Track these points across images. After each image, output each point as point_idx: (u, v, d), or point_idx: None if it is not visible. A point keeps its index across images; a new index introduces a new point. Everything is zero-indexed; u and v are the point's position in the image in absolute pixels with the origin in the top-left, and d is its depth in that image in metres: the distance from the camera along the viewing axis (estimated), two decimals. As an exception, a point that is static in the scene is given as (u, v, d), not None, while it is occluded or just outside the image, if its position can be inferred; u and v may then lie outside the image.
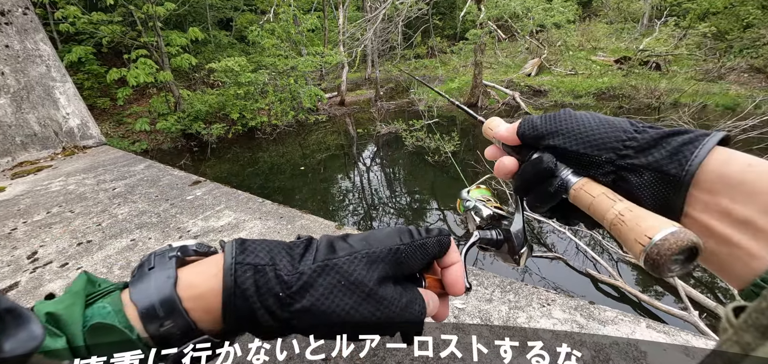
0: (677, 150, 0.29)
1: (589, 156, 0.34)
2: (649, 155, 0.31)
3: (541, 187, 0.36)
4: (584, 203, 0.34)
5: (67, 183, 3.83)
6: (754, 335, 0.15)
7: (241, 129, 8.99)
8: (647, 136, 0.32)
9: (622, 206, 0.30)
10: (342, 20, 11.45)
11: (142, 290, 0.28)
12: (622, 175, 0.32)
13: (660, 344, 1.35)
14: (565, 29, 10.12)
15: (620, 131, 0.33)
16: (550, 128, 0.36)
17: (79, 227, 2.77)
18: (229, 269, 0.29)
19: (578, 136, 0.34)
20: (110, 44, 8.85)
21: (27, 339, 0.17)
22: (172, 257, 0.31)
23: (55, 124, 5.09)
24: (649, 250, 0.26)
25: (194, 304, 0.29)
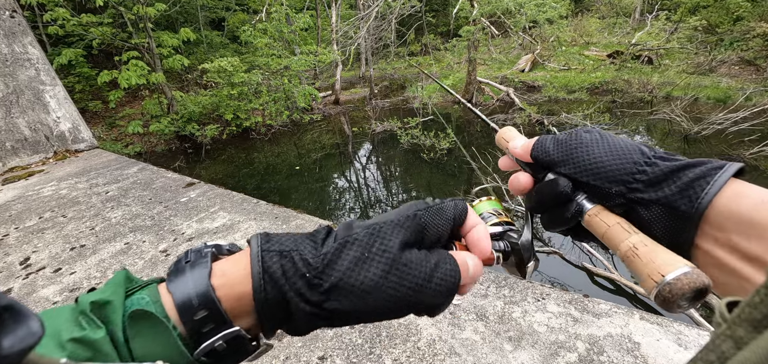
0: (688, 185, 0.29)
1: (600, 188, 0.34)
2: (659, 190, 0.31)
3: (556, 210, 0.37)
4: (598, 230, 0.34)
5: (60, 187, 3.79)
6: (746, 329, 0.16)
7: (235, 130, 8.93)
8: (658, 170, 0.31)
9: (636, 239, 0.30)
10: (335, 18, 11.41)
11: (178, 281, 0.29)
12: (632, 208, 0.33)
13: (653, 334, 1.37)
14: (558, 25, 10.15)
15: (631, 164, 0.33)
16: (562, 156, 0.36)
17: (72, 231, 2.75)
18: (256, 255, 0.29)
19: (588, 167, 0.35)
20: (101, 46, 8.76)
21: (25, 336, 0.17)
22: (206, 252, 0.32)
23: (46, 129, 5.02)
24: (661, 287, 0.27)
25: (226, 292, 0.29)
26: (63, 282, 2.12)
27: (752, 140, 5.28)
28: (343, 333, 1.49)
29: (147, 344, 0.27)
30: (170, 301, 0.28)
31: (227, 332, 0.28)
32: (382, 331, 1.49)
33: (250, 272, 0.29)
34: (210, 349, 0.28)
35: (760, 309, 0.15)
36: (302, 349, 1.44)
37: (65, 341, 0.25)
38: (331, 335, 1.49)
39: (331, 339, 1.47)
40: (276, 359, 1.41)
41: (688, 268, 0.26)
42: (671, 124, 6.69)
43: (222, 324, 0.28)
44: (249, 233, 2.46)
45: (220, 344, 0.28)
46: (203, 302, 0.28)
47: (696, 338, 1.34)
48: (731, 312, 0.17)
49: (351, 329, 1.51)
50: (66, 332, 0.25)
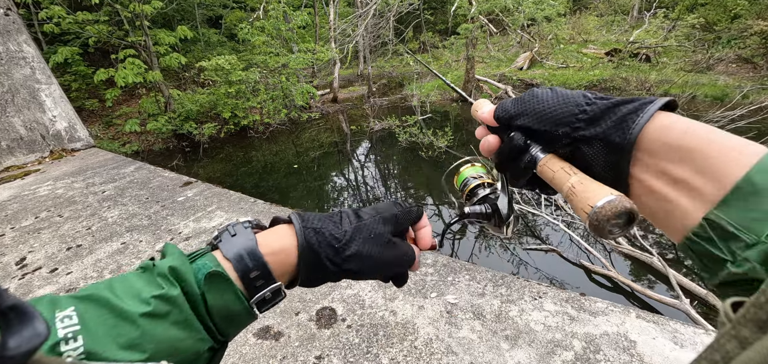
0: (622, 120, 0.33)
1: (550, 132, 0.38)
2: (597, 126, 0.34)
3: (515, 163, 0.42)
4: (548, 177, 0.38)
5: (56, 187, 3.77)
6: (751, 329, 0.15)
7: (233, 128, 8.90)
8: (596, 108, 0.35)
9: (575, 179, 0.34)
10: (333, 16, 11.37)
11: (233, 250, 0.38)
12: (577, 147, 0.36)
13: (649, 333, 1.37)
14: (556, 23, 10.14)
15: (574, 106, 0.36)
16: (519, 110, 0.41)
17: (69, 231, 2.73)
18: (300, 230, 0.40)
19: (539, 115, 0.39)
20: (97, 44, 8.69)
21: (31, 336, 0.17)
22: (247, 226, 0.41)
23: (42, 128, 4.99)
24: (591, 215, 0.30)
25: (272, 258, 0.39)
26: (59, 282, 2.11)
27: (750, 138, 5.24)
28: (340, 333, 1.49)
29: (217, 297, 0.35)
30: (229, 266, 0.37)
31: (273, 286, 0.39)
32: (379, 330, 1.48)
33: (295, 242, 0.40)
34: (261, 298, 0.38)
35: (766, 309, 0.15)
36: (299, 349, 1.44)
37: (149, 298, 0.32)
38: (328, 335, 1.49)
39: (328, 339, 1.47)
40: (273, 358, 1.41)
41: (613, 196, 0.30)
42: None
43: (269, 280, 0.38)
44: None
45: (267, 294, 0.38)
46: (257, 265, 0.38)
47: (692, 336, 1.34)
48: (736, 312, 0.17)
49: (348, 329, 1.51)
50: (146, 291, 0.33)
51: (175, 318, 0.33)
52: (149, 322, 0.31)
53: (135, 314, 0.31)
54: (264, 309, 0.40)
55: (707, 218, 0.27)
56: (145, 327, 0.31)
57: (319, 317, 1.58)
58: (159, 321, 0.32)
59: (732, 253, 0.26)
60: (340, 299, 1.68)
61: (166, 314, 0.32)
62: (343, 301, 1.66)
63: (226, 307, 0.36)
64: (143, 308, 0.31)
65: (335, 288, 1.75)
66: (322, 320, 1.57)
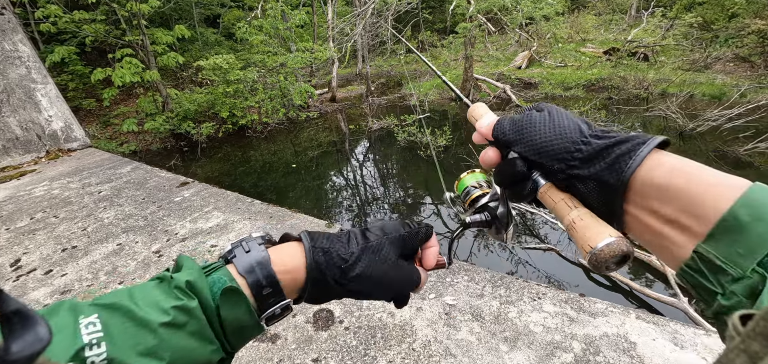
0: (615, 161, 0.33)
1: (545, 165, 0.39)
2: (591, 167, 0.35)
3: (516, 186, 0.42)
4: (548, 205, 0.39)
5: (52, 187, 3.74)
6: (761, 343, 0.15)
7: (231, 128, 8.87)
8: (591, 148, 0.36)
9: (575, 214, 0.36)
10: (331, 15, 11.34)
11: (247, 266, 0.39)
12: (572, 182, 0.37)
13: (649, 334, 1.36)
14: (554, 21, 10.13)
15: (570, 143, 0.37)
16: (516, 136, 0.41)
17: (64, 232, 2.71)
18: (309, 251, 0.41)
19: (535, 146, 0.39)
20: (94, 44, 8.64)
21: (34, 341, 0.18)
22: (260, 242, 0.42)
23: (38, 128, 4.96)
24: (590, 255, 0.32)
25: (284, 276, 0.40)
26: (54, 284, 2.09)
27: (747, 137, 5.30)
28: (338, 335, 1.48)
29: (230, 310, 0.37)
30: (243, 281, 0.39)
31: (283, 302, 0.40)
32: (377, 332, 1.47)
33: (304, 262, 0.41)
34: (271, 314, 0.40)
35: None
36: (296, 351, 1.42)
37: (169, 308, 0.34)
38: (325, 337, 1.47)
39: (326, 341, 1.46)
40: (270, 361, 1.39)
41: (612, 238, 0.32)
42: (667, 120, 6.71)
43: (280, 297, 0.40)
44: (243, 233, 2.43)
45: (277, 309, 0.40)
46: (269, 281, 0.39)
47: (692, 336, 1.34)
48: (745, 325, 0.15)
49: (345, 331, 1.49)
50: (165, 301, 0.34)
51: (192, 329, 0.34)
52: (167, 331, 0.33)
53: (155, 323, 0.32)
54: (272, 323, 0.41)
55: (697, 250, 0.28)
56: (164, 336, 0.32)
57: (316, 319, 1.57)
58: (176, 331, 0.33)
59: (721, 286, 0.26)
60: (338, 300, 1.66)
61: (184, 325, 0.34)
62: (341, 303, 1.65)
63: (238, 320, 0.37)
64: (163, 317, 0.33)
65: (333, 289, 1.73)
66: (319, 322, 1.55)
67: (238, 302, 0.37)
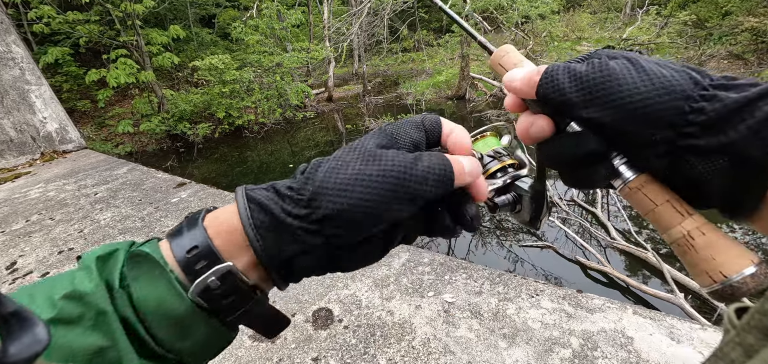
0: (762, 124, 0.22)
1: (640, 134, 0.26)
2: (722, 134, 0.23)
3: (582, 171, 0.30)
4: (643, 207, 0.28)
5: (47, 189, 3.72)
6: (757, 336, 0.15)
7: (227, 128, 8.84)
8: (720, 105, 0.23)
9: (691, 225, 0.26)
10: (327, 15, 11.33)
11: (175, 230, 0.29)
12: (683, 158, 0.25)
13: (646, 329, 1.38)
14: (550, 20, 10.18)
15: (681, 99, 0.25)
16: (584, 95, 0.28)
17: (60, 234, 2.69)
18: (241, 190, 0.30)
19: (623, 107, 0.26)
20: (88, 45, 8.59)
21: (31, 343, 0.17)
22: (201, 210, 0.32)
23: (32, 129, 4.92)
24: (722, 288, 0.24)
25: (217, 229, 0.28)
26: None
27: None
28: (337, 334, 1.48)
29: (144, 287, 0.26)
30: (167, 247, 0.28)
31: (218, 267, 0.27)
32: (376, 331, 1.48)
33: (236, 206, 0.29)
34: (203, 286, 0.27)
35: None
36: (296, 350, 1.42)
37: (56, 299, 0.24)
38: (325, 336, 1.48)
39: (325, 340, 1.46)
40: (269, 361, 1.40)
41: (755, 267, 0.23)
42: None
43: (214, 260, 0.27)
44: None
45: (213, 280, 0.27)
46: (195, 240, 0.28)
47: (688, 331, 1.35)
48: (740, 319, 0.16)
49: (345, 330, 1.50)
50: (59, 290, 0.25)
51: (92, 322, 0.25)
52: (58, 329, 0.23)
53: None
54: (233, 318, 0.29)
55: None
56: (54, 336, 0.22)
57: (315, 318, 1.57)
58: (71, 328, 0.24)
59: None
60: (337, 299, 1.67)
61: (79, 318, 0.24)
62: (340, 301, 1.65)
63: (161, 304, 0.26)
64: (49, 312, 0.24)
65: (332, 288, 1.73)
66: (318, 321, 1.55)
67: (153, 275, 0.26)
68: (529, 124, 0.32)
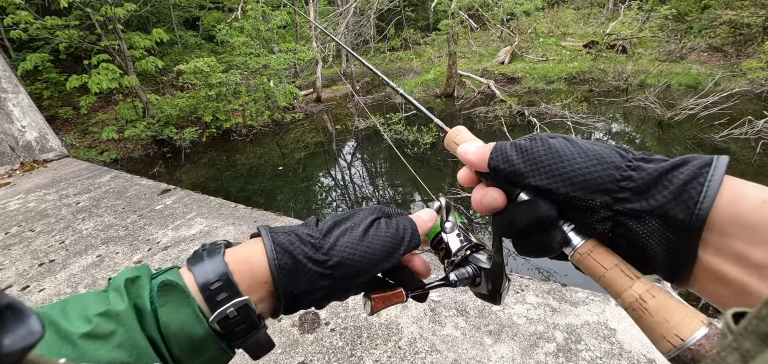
0: (681, 190, 0.25)
1: (581, 200, 0.29)
2: (650, 198, 0.27)
3: (534, 239, 0.32)
4: (593, 272, 0.29)
5: (27, 200, 3.62)
6: (753, 342, 0.15)
7: (215, 132, 8.73)
8: (645, 174, 0.27)
9: (641, 288, 0.27)
10: (313, 15, 11.26)
11: (197, 263, 0.33)
12: (621, 222, 0.28)
13: (628, 320, 1.40)
14: (535, 17, 10.28)
15: (612, 168, 0.28)
16: (530, 166, 0.31)
17: (41, 246, 2.63)
18: (266, 232, 0.36)
19: (565, 175, 0.30)
20: (68, 50, 8.38)
21: (26, 335, 0.17)
22: (220, 243, 0.36)
23: (11, 139, 4.79)
24: (681, 352, 0.24)
25: (239, 268, 0.34)
26: (31, 300, 2.02)
27: (722, 124, 5.48)
28: (324, 337, 1.47)
29: (171, 312, 0.30)
30: (191, 278, 0.32)
31: (238, 300, 0.32)
32: (363, 332, 1.47)
33: (263, 247, 0.35)
34: (223, 315, 0.32)
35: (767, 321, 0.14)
36: (282, 355, 1.41)
37: (92, 316, 0.28)
38: (312, 340, 1.47)
39: (312, 344, 1.45)
40: None
41: (706, 328, 0.24)
42: (646, 110, 6.88)
43: (234, 293, 0.32)
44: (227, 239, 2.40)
45: (232, 311, 0.32)
46: (218, 274, 0.32)
47: (668, 321, 1.38)
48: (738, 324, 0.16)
49: (331, 333, 1.49)
50: (92, 308, 0.29)
51: (121, 339, 0.28)
52: (90, 343, 0.27)
53: (75, 335, 0.27)
54: (238, 342, 0.34)
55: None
56: (84, 348, 0.27)
57: (302, 321, 1.56)
58: (102, 342, 0.27)
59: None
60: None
61: (111, 334, 0.28)
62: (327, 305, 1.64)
63: (183, 328, 0.30)
64: (84, 327, 0.27)
65: (319, 292, 1.72)
66: (305, 324, 1.54)
67: (180, 301, 0.31)
68: (482, 195, 0.35)
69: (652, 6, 11.98)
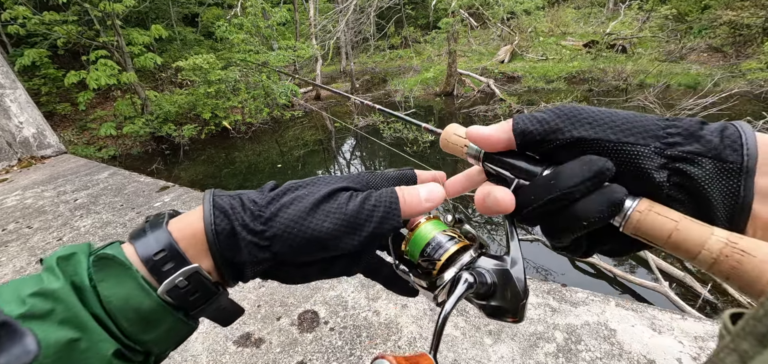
0: (722, 136, 0.25)
1: (633, 146, 0.26)
2: (702, 140, 0.25)
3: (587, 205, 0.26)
4: (659, 231, 0.25)
5: (24, 197, 3.60)
6: (751, 343, 0.15)
7: (214, 129, 8.70)
8: (686, 122, 0.26)
9: (724, 234, 0.23)
10: (313, 12, 11.22)
11: (138, 235, 0.31)
12: (677, 169, 0.25)
13: (628, 321, 1.40)
14: (535, 16, 10.27)
15: (652, 122, 0.27)
16: (567, 120, 0.28)
17: (38, 243, 2.61)
18: (208, 194, 0.33)
19: (611, 123, 0.27)
20: (67, 46, 8.33)
21: (20, 354, 0.17)
22: (164, 213, 0.34)
23: (8, 135, 4.76)
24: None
25: (182, 233, 0.31)
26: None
27: (720, 124, 5.49)
28: (323, 336, 1.47)
29: (112, 287, 0.28)
30: (131, 250, 0.30)
31: (186, 268, 0.30)
32: (362, 332, 1.47)
33: (203, 210, 0.32)
34: (172, 286, 0.29)
35: (765, 322, 0.14)
36: (281, 354, 1.41)
37: (25, 297, 0.26)
38: (311, 339, 1.46)
39: (311, 343, 1.44)
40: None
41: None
42: (645, 110, 6.89)
43: (181, 262, 0.30)
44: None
45: (181, 280, 0.29)
46: (161, 244, 0.30)
47: (669, 322, 1.37)
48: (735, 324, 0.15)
49: (330, 332, 1.48)
50: (27, 289, 0.26)
51: (62, 316, 0.26)
52: (29, 324, 0.25)
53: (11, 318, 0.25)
54: (197, 311, 0.31)
55: None
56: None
57: (301, 321, 1.55)
58: (41, 322, 0.25)
59: None
60: (323, 301, 1.65)
61: (49, 313, 0.26)
62: (326, 303, 1.63)
63: (128, 301, 0.28)
64: (19, 308, 0.25)
65: (318, 290, 1.72)
66: (304, 323, 1.54)
67: (120, 275, 0.28)
68: (494, 198, 0.29)
69: (652, 6, 11.97)
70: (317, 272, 0.34)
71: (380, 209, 0.32)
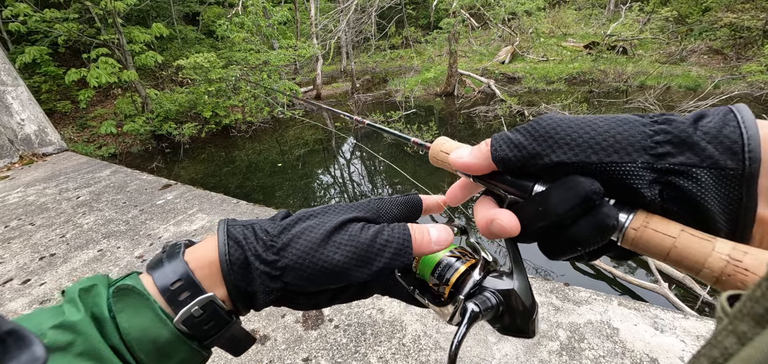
0: (718, 136, 0.22)
1: (619, 165, 0.24)
2: (695, 148, 0.23)
3: (578, 228, 0.25)
4: (658, 247, 0.23)
5: (27, 194, 3.61)
6: (749, 324, 0.15)
7: (214, 128, 8.70)
8: (677, 126, 0.23)
9: (726, 248, 0.21)
10: (314, 11, 11.23)
11: (156, 266, 0.32)
12: (669, 182, 0.23)
13: (631, 319, 1.41)
14: (536, 16, 10.28)
15: (638, 125, 0.24)
16: (544, 143, 0.26)
17: (41, 239, 2.62)
18: (222, 225, 0.33)
19: (591, 141, 0.24)
20: (67, 43, 8.33)
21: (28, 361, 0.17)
22: (180, 243, 0.35)
23: (10, 132, 4.76)
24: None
25: (198, 263, 0.32)
26: (32, 294, 2.02)
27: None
28: (328, 334, 1.48)
29: (131, 318, 0.29)
30: (149, 280, 0.31)
31: (202, 297, 0.30)
32: (367, 329, 1.48)
33: (217, 240, 0.32)
34: (187, 315, 0.30)
35: (762, 303, 0.14)
36: (286, 351, 1.41)
37: (46, 330, 0.26)
38: (315, 336, 1.47)
39: (316, 340, 1.45)
40: (259, 363, 1.38)
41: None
42: (646, 112, 6.91)
43: (196, 291, 0.30)
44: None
45: (196, 309, 0.30)
46: (178, 274, 0.31)
47: (671, 321, 1.39)
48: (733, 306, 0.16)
49: (335, 330, 1.49)
50: (47, 322, 0.27)
51: (81, 348, 0.26)
52: (50, 357, 0.25)
53: None
54: (210, 341, 0.32)
55: None
56: None
57: (305, 318, 1.56)
58: (62, 354, 0.26)
59: None
60: (327, 299, 1.66)
61: (69, 345, 0.26)
62: (330, 301, 1.65)
63: (146, 332, 0.29)
64: None
65: (322, 288, 1.73)
66: (309, 321, 1.55)
67: (139, 304, 0.29)
68: (496, 222, 0.29)
69: (653, 7, 12.00)
70: (327, 300, 0.36)
71: (393, 244, 0.32)
